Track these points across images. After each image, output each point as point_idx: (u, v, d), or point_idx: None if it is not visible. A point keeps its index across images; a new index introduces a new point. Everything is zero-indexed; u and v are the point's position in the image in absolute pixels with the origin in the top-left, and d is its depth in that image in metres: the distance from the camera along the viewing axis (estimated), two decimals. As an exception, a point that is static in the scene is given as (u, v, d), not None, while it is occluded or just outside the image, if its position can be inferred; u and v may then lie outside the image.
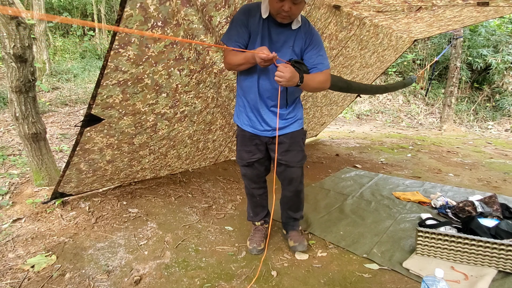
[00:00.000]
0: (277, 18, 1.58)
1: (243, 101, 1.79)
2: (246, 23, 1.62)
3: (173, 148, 2.62)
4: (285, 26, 1.65)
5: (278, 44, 1.65)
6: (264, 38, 1.64)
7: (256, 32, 1.63)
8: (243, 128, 1.83)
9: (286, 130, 1.79)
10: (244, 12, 1.63)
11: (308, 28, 1.69)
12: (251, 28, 1.63)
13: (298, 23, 1.65)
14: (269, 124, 1.76)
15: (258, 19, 1.63)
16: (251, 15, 1.62)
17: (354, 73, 4.02)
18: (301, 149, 1.85)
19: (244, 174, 1.96)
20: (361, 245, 2.04)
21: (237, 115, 1.87)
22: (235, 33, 1.63)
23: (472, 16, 2.86)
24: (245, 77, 1.74)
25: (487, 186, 3.25)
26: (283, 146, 1.80)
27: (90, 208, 2.35)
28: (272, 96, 1.70)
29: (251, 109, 1.77)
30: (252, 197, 2.02)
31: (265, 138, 1.82)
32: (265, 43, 1.63)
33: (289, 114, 1.79)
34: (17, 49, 2.14)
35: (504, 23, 7.98)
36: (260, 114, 1.75)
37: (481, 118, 7.59)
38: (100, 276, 1.69)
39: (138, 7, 1.40)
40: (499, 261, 1.72)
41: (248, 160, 1.88)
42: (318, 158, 4.18)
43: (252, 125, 1.79)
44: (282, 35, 1.65)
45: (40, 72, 5.85)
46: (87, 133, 1.89)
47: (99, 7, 8.73)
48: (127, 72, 1.66)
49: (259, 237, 2.02)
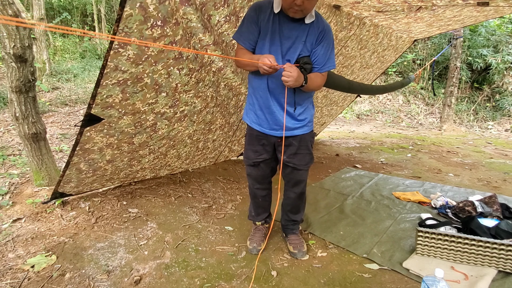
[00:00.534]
0: (289, 12, 1.55)
1: (252, 99, 1.78)
2: (256, 19, 1.62)
3: (173, 148, 2.62)
4: (297, 21, 1.62)
5: (290, 39, 1.63)
6: (274, 33, 1.62)
7: (267, 28, 1.62)
8: (251, 126, 1.82)
9: (296, 132, 1.76)
10: (254, 9, 1.63)
11: (322, 24, 1.66)
12: (261, 24, 1.62)
13: (312, 17, 1.62)
14: (277, 123, 1.73)
15: (268, 15, 1.61)
16: (262, 11, 1.61)
17: (354, 73, 4.02)
18: (309, 151, 1.84)
19: (249, 173, 1.94)
20: (361, 245, 2.04)
21: (246, 113, 1.86)
22: (245, 30, 1.64)
23: (472, 16, 2.86)
24: (255, 75, 1.73)
25: (487, 186, 3.25)
26: (291, 148, 1.78)
27: (90, 208, 2.35)
28: (282, 94, 1.68)
29: (260, 107, 1.75)
30: (254, 197, 2.01)
31: (272, 139, 1.80)
32: (276, 39, 1.62)
33: (300, 115, 1.76)
34: (17, 49, 2.14)
35: (504, 23, 7.99)
36: (270, 112, 1.72)
37: (481, 118, 7.59)
38: (100, 276, 1.69)
39: (137, 6, 1.40)
40: (499, 261, 1.71)
41: (254, 160, 1.86)
42: (318, 158, 4.17)
43: (260, 123, 1.78)
44: (294, 30, 1.63)
45: (40, 72, 5.85)
46: (87, 133, 1.89)
47: (99, 7, 8.74)
48: (127, 71, 1.66)
49: (259, 237, 2.01)
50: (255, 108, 1.78)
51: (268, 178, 1.97)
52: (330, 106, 4.50)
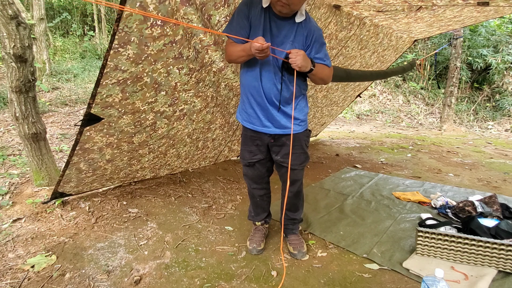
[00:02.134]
0: (276, 6, 1.52)
1: (244, 97, 1.77)
2: (248, 14, 1.60)
3: (172, 147, 2.62)
4: (287, 19, 1.60)
5: (278, 38, 1.61)
6: (265, 30, 1.60)
7: (257, 24, 1.59)
8: (244, 124, 1.82)
9: (288, 131, 1.71)
10: (246, 3, 1.61)
11: (311, 25, 1.64)
12: (252, 19, 1.60)
13: (302, 16, 1.60)
14: (270, 119, 1.71)
15: (259, 10, 1.59)
16: (253, 6, 1.59)
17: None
18: (303, 151, 1.82)
19: (246, 173, 1.95)
20: (361, 245, 2.04)
21: (239, 111, 1.86)
22: (236, 25, 1.62)
23: (472, 16, 2.86)
24: (246, 71, 1.71)
25: (487, 186, 3.25)
26: (285, 148, 1.76)
27: (90, 208, 2.35)
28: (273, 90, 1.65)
29: (250, 105, 1.73)
30: (253, 197, 2.02)
31: (266, 138, 1.78)
32: (267, 36, 1.59)
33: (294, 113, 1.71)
34: (17, 49, 2.14)
35: (504, 23, 7.99)
36: (263, 109, 1.70)
37: (481, 118, 7.59)
38: (100, 276, 1.69)
39: (137, 6, 1.41)
40: (499, 261, 1.71)
41: (249, 160, 1.87)
42: (318, 158, 4.17)
43: (251, 120, 1.76)
44: (283, 29, 1.61)
45: (40, 72, 5.84)
46: (86, 133, 1.89)
47: (99, 7, 8.73)
48: (127, 71, 1.66)
49: (259, 237, 2.01)
50: (246, 107, 1.76)
51: (264, 178, 1.97)
52: (330, 106, 4.50)
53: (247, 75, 1.71)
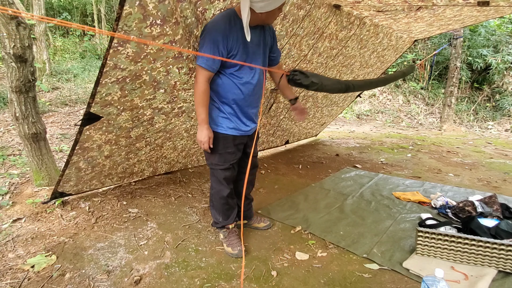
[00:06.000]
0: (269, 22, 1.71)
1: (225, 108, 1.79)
2: (226, 43, 1.60)
3: (169, 140, 2.62)
4: (256, 27, 1.71)
5: (252, 48, 1.72)
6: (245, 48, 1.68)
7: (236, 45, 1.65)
8: (226, 133, 1.81)
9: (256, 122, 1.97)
10: (221, 31, 1.59)
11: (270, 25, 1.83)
12: (231, 45, 1.63)
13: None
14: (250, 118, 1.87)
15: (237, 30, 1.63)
16: (231, 31, 1.61)
17: (354, 73, 4.02)
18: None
19: (225, 177, 1.89)
20: (361, 245, 2.04)
21: (216, 124, 1.81)
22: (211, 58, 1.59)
23: (472, 16, 2.86)
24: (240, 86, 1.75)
25: (487, 186, 3.25)
26: (255, 138, 1.89)
27: (90, 208, 2.35)
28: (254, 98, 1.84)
29: (236, 114, 1.80)
30: (224, 201, 1.94)
31: (244, 138, 1.89)
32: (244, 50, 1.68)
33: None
34: (17, 49, 2.14)
35: (504, 23, 7.98)
36: (248, 116, 1.84)
37: (481, 118, 7.59)
38: (100, 276, 1.69)
39: (137, 5, 1.41)
40: (499, 261, 1.71)
41: (232, 162, 1.88)
42: (318, 158, 4.17)
43: (237, 127, 1.82)
44: (254, 38, 1.70)
45: (40, 72, 5.85)
46: (86, 132, 1.89)
47: (99, 7, 8.73)
48: (126, 69, 1.67)
49: (236, 239, 1.97)
50: (231, 116, 1.80)
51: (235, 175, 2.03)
52: (330, 107, 4.50)
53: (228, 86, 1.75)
